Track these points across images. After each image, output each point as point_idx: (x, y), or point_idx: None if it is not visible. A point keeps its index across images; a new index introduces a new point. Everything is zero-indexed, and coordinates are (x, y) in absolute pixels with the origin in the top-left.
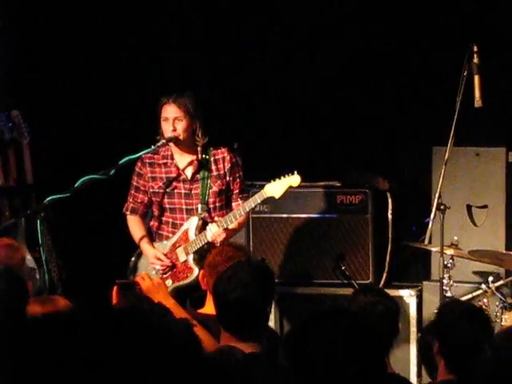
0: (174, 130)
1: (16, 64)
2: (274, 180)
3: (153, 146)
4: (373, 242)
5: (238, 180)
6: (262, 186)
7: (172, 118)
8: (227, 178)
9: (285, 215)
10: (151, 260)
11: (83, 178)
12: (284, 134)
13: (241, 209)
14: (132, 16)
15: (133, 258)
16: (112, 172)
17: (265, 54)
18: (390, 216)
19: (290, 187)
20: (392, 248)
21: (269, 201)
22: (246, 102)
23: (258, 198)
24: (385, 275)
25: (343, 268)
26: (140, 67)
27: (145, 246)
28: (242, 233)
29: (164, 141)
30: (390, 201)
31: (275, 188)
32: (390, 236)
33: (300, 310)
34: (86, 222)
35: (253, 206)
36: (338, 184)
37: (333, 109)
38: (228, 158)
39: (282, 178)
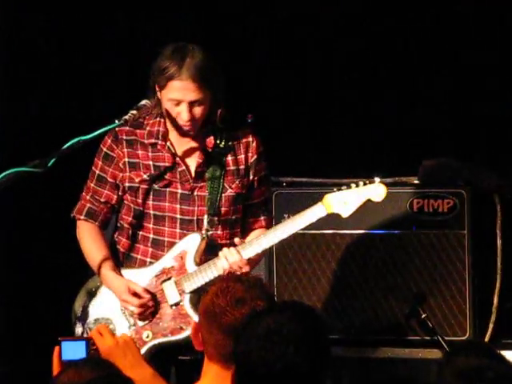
0: (192, 117)
1: None
2: (340, 188)
3: (128, 114)
4: (471, 275)
5: (264, 182)
6: (291, 185)
7: (188, 102)
8: (250, 177)
9: (329, 231)
10: (123, 296)
11: (5, 172)
12: (324, 102)
13: (279, 230)
14: None
15: (81, 297)
16: (51, 162)
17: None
18: (498, 233)
19: (369, 202)
20: (502, 284)
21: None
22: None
23: (312, 215)
24: (491, 327)
25: (424, 316)
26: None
27: (108, 273)
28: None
29: (145, 102)
30: (499, 208)
31: (342, 201)
32: (499, 265)
33: (356, 382)
34: (10, 240)
35: (302, 226)
36: (416, 181)
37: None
38: (254, 144)
39: (354, 186)
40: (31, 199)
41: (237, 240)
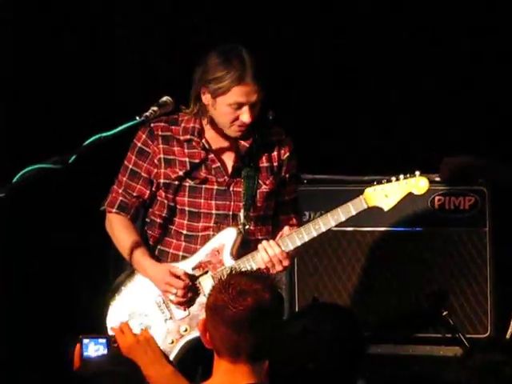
0: (252, 118)
1: None
2: (380, 182)
3: (150, 111)
4: (493, 273)
5: (295, 180)
6: (311, 183)
7: (250, 104)
8: (282, 174)
9: (350, 228)
10: (166, 279)
11: (25, 170)
12: (343, 98)
13: (319, 223)
14: None
15: (113, 293)
16: (72, 159)
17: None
18: None
19: (410, 195)
20: None
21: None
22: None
23: (352, 208)
24: None
25: (444, 314)
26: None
27: (146, 261)
28: None
29: (166, 98)
30: None
31: (383, 194)
32: None
33: (375, 379)
34: (31, 239)
35: (342, 219)
36: (437, 179)
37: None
38: (287, 142)
39: (394, 179)
40: (50, 196)
41: (285, 229)
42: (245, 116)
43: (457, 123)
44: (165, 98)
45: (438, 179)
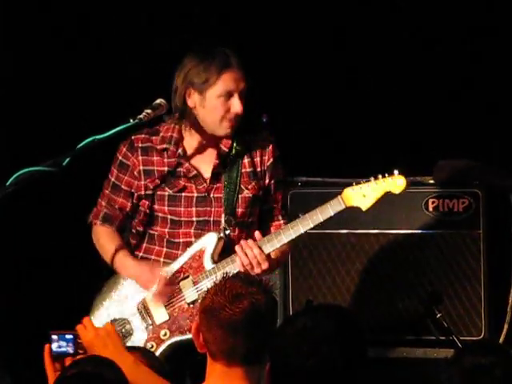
0: (241, 109)
1: None
2: (359, 182)
3: (143, 114)
4: (486, 274)
5: (282, 186)
6: (305, 185)
7: (238, 93)
8: (266, 181)
9: (344, 231)
10: (150, 273)
11: (19, 173)
12: (338, 101)
13: (298, 224)
14: None
15: (98, 298)
16: (65, 162)
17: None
18: None
19: (388, 194)
20: None
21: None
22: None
23: (330, 208)
24: (506, 327)
25: (439, 316)
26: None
27: (128, 261)
28: None
29: (160, 101)
30: None
31: (361, 194)
32: None
33: (370, 382)
34: (24, 242)
35: (321, 220)
36: (431, 181)
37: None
38: (270, 148)
39: (373, 179)
40: (44, 198)
41: (256, 233)
42: (236, 105)
43: (457, 123)
44: (158, 101)
45: (432, 182)
